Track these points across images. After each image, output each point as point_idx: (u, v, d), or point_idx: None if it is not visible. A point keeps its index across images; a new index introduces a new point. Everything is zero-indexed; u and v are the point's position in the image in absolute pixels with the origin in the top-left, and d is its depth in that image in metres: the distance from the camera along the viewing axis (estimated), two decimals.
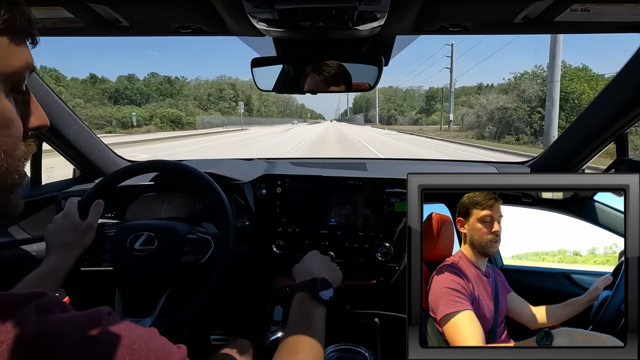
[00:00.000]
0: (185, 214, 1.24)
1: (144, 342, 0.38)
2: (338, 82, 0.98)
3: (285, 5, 0.70)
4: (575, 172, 1.23)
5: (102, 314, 0.39)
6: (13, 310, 0.35)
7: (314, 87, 0.99)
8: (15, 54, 0.38)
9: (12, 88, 0.39)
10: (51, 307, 0.37)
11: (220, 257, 0.91)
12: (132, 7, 0.75)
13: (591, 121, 1.10)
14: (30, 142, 0.43)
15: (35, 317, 0.35)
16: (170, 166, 1.04)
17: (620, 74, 0.98)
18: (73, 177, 1.46)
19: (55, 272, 0.79)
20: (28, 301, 0.36)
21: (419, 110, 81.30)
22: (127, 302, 0.93)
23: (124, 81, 64.35)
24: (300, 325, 0.70)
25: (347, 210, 1.22)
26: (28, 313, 0.35)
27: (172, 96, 65.23)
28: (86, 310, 0.39)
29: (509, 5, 0.72)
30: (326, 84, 0.98)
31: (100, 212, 0.92)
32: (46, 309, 0.36)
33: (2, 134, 0.37)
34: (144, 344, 0.38)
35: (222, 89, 77.20)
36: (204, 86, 78.19)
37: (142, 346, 0.38)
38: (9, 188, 0.40)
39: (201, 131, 35.53)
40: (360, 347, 1.13)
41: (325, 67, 0.96)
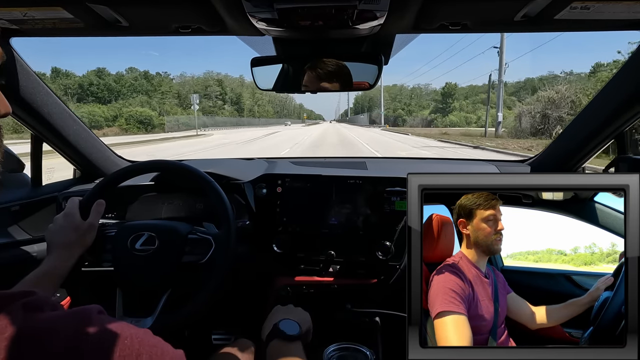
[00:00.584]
0: (185, 213, 1.24)
1: (137, 338, 0.38)
2: (338, 81, 0.98)
3: (284, 4, 0.70)
4: (576, 170, 1.23)
5: (92, 311, 0.39)
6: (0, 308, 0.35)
7: (314, 86, 0.99)
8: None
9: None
10: (40, 305, 0.37)
11: (221, 257, 0.91)
12: (132, 7, 0.75)
13: (592, 118, 1.10)
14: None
15: (23, 315, 0.35)
16: (170, 166, 1.04)
17: (621, 71, 0.97)
18: (73, 178, 1.46)
19: (55, 272, 0.80)
20: (16, 299, 0.36)
21: (433, 109, 74.42)
22: (128, 302, 0.93)
23: (92, 76, 57.87)
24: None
25: (348, 209, 1.22)
26: (15, 311, 0.35)
27: (147, 93, 59.34)
28: (75, 308, 0.39)
29: (508, 3, 0.72)
30: (326, 83, 0.98)
31: (102, 212, 0.92)
32: (35, 307, 0.37)
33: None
34: (137, 340, 0.38)
35: (207, 86, 71.43)
36: (189, 83, 72.50)
37: (135, 341, 0.37)
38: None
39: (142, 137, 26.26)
40: (361, 345, 1.13)
41: (325, 67, 0.96)
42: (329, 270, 1.24)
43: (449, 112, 63.44)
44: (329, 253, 1.20)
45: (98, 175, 1.42)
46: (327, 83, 0.98)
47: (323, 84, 0.98)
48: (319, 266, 1.24)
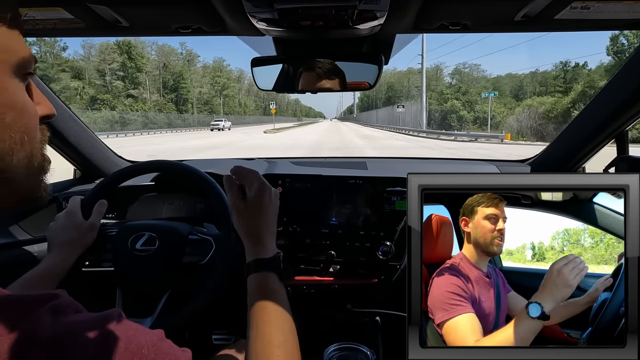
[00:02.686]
0: (186, 214, 1.24)
1: (153, 347, 0.39)
2: (337, 81, 0.98)
3: (285, 4, 0.69)
4: (576, 170, 1.23)
5: (114, 316, 0.39)
6: (27, 312, 0.35)
7: (314, 87, 0.99)
8: (22, 45, 0.41)
9: (21, 78, 0.42)
10: (65, 308, 0.38)
11: (221, 258, 0.91)
12: (132, 8, 0.75)
13: (592, 118, 1.10)
14: (43, 128, 0.46)
15: (51, 319, 0.35)
16: (171, 166, 1.04)
17: (621, 71, 0.97)
18: (74, 178, 1.46)
19: (55, 271, 0.80)
20: (43, 302, 0.36)
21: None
22: (128, 302, 0.93)
23: None
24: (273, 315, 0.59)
25: (348, 209, 1.22)
26: (43, 315, 0.35)
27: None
28: (99, 313, 0.39)
29: (509, 3, 0.72)
30: (326, 83, 0.98)
31: (103, 212, 0.92)
32: (60, 310, 0.37)
33: (22, 119, 0.40)
34: (153, 348, 0.38)
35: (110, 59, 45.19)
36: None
37: (151, 350, 0.38)
38: (37, 171, 0.44)
39: None
40: (362, 345, 1.13)
41: (325, 67, 0.96)
42: (329, 270, 1.24)
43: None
44: (329, 253, 1.21)
45: (98, 176, 1.42)
46: (327, 83, 0.98)
47: (323, 84, 0.98)
48: (319, 266, 1.24)
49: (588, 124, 1.11)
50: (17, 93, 0.40)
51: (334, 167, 1.37)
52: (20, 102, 0.41)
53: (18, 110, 0.40)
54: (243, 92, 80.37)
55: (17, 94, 0.40)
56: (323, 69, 0.96)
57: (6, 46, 0.39)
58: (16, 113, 0.40)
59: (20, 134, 0.40)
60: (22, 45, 0.41)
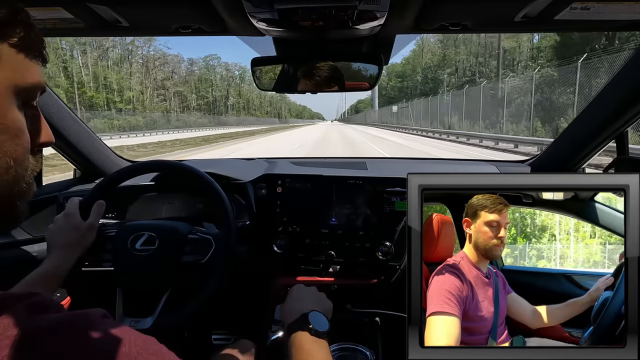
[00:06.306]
0: (185, 213, 1.24)
1: (135, 346, 0.37)
2: (338, 81, 0.97)
3: (285, 4, 0.70)
4: (576, 171, 1.23)
5: (95, 315, 0.39)
6: (4, 309, 0.35)
7: (314, 87, 0.99)
8: (29, 71, 0.41)
9: (24, 103, 0.41)
10: (44, 307, 0.37)
11: (221, 258, 0.91)
12: (132, 8, 0.75)
13: (592, 119, 1.10)
14: (38, 158, 0.46)
15: (27, 316, 0.35)
16: (170, 166, 1.04)
17: (622, 71, 0.97)
18: (73, 178, 1.46)
19: (55, 272, 0.80)
20: (20, 300, 0.36)
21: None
22: (128, 302, 0.93)
23: None
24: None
25: (348, 209, 1.22)
26: (19, 311, 0.35)
27: None
28: (79, 311, 0.38)
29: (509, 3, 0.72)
30: (326, 84, 0.98)
31: (102, 213, 0.92)
32: (39, 308, 0.37)
33: (13, 143, 0.40)
34: (135, 348, 0.37)
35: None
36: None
37: (132, 349, 0.37)
38: (15, 195, 0.42)
39: None
40: (362, 346, 1.13)
41: (325, 67, 0.96)
42: (329, 270, 1.24)
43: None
44: (329, 253, 1.20)
45: (98, 175, 1.42)
46: (327, 83, 0.98)
47: (323, 85, 0.98)
48: (319, 266, 1.24)
49: (588, 125, 1.11)
50: (13, 118, 0.39)
51: (334, 167, 1.37)
52: (16, 128, 0.40)
53: (11, 135, 0.39)
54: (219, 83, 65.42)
55: (13, 119, 0.39)
56: (323, 69, 0.96)
57: (17, 67, 0.39)
58: (8, 137, 0.39)
59: (6, 158, 0.39)
60: (28, 72, 0.40)
